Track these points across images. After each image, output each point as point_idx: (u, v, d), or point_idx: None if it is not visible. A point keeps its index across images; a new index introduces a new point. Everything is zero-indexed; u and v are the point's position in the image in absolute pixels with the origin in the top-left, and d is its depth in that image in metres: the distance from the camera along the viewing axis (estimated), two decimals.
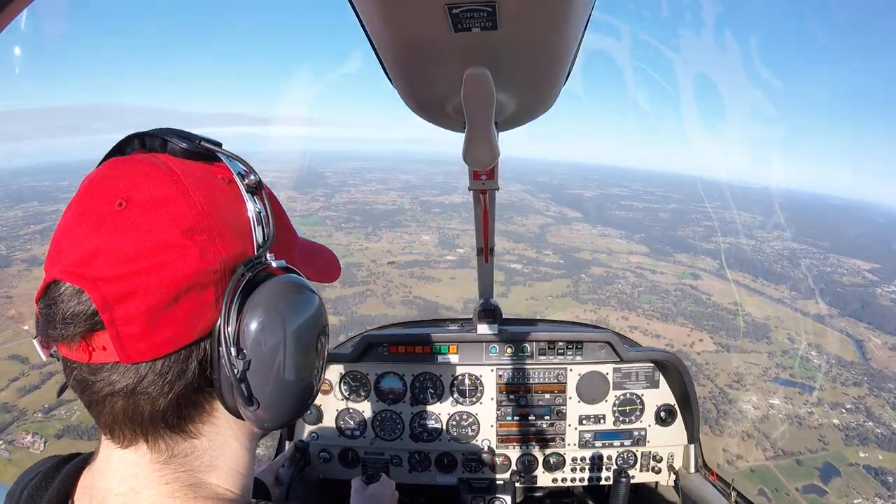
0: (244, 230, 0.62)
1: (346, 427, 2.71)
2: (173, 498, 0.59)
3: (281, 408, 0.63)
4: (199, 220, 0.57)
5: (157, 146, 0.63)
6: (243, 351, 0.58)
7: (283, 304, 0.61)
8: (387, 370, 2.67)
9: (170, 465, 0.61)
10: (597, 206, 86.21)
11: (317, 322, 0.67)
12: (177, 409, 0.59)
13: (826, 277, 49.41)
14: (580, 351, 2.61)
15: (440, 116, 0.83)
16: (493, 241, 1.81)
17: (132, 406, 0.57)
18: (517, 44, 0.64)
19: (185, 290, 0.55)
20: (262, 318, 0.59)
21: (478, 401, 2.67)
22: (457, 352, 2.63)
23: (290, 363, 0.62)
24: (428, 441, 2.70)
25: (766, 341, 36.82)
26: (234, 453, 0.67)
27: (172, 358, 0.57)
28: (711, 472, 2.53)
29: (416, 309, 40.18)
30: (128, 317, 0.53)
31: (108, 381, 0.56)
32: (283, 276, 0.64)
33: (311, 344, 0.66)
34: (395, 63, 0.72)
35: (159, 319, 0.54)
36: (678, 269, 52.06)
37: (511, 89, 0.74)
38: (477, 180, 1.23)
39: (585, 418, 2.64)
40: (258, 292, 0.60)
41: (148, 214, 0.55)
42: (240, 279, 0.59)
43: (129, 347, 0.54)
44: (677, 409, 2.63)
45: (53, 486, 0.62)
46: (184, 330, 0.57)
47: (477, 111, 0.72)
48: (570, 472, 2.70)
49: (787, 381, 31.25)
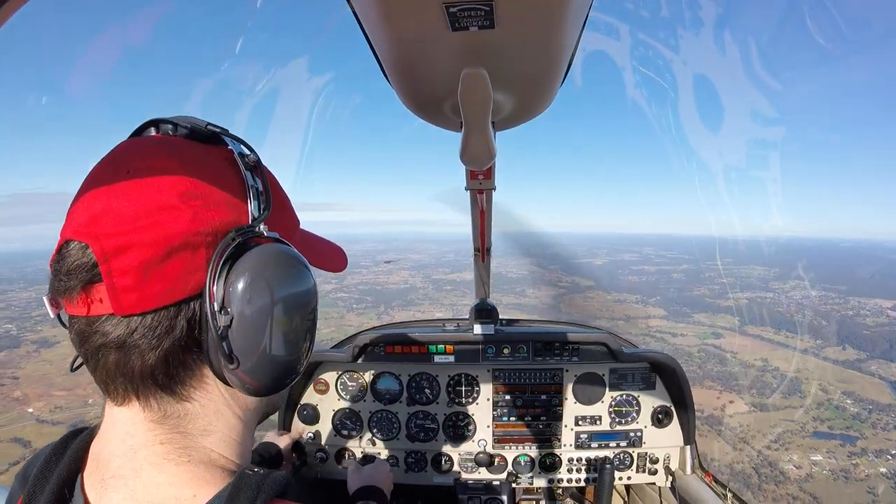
0: (239, 202, 0.67)
1: (342, 427, 2.73)
2: (167, 459, 0.62)
3: (262, 372, 0.64)
4: (195, 187, 0.63)
5: (168, 130, 0.70)
6: (227, 308, 0.61)
7: (271, 270, 0.64)
8: (383, 370, 2.71)
9: (163, 424, 0.64)
10: (609, 274, 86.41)
11: (304, 294, 0.69)
12: (165, 366, 0.62)
13: (850, 321, 48.85)
14: (576, 352, 2.60)
15: (437, 116, 0.84)
16: (489, 241, 1.82)
17: (123, 359, 0.61)
18: (514, 43, 0.64)
19: (178, 247, 0.60)
20: (248, 280, 0.61)
21: (474, 401, 2.69)
22: (453, 352, 2.62)
23: (274, 328, 0.64)
24: (424, 441, 2.72)
25: (798, 395, 35.97)
26: (228, 422, 0.69)
27: (162, 313, 0.60)
28: (707, 474, 2.52)
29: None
30: (123, 269, 0.58)
31: (102, 333, 0.60)
32: (274, 245, 0.67)
33: (297, 314, 0.68)
34: (393, 62, 0.73)
35: (152, 274, 0.58)
36: (699, 330, 51.99)
37: (508, 89, 0.74)
38: (474, 180, 1.22)
39: (582, 419, 2.65)
40: (247, 255, 0.63)
41: (149, 181, 0.61)
42: (230, 242, 0.62)
43: (122, 299, 0.58)
44: (673, 410, 2.63)
45: (64, 460, 0.66)
46: (174, 286, 0.60)
47: (474, 110, 0.72)
48: (567, 472, 2.70)
49: (826, 435, 30.24)
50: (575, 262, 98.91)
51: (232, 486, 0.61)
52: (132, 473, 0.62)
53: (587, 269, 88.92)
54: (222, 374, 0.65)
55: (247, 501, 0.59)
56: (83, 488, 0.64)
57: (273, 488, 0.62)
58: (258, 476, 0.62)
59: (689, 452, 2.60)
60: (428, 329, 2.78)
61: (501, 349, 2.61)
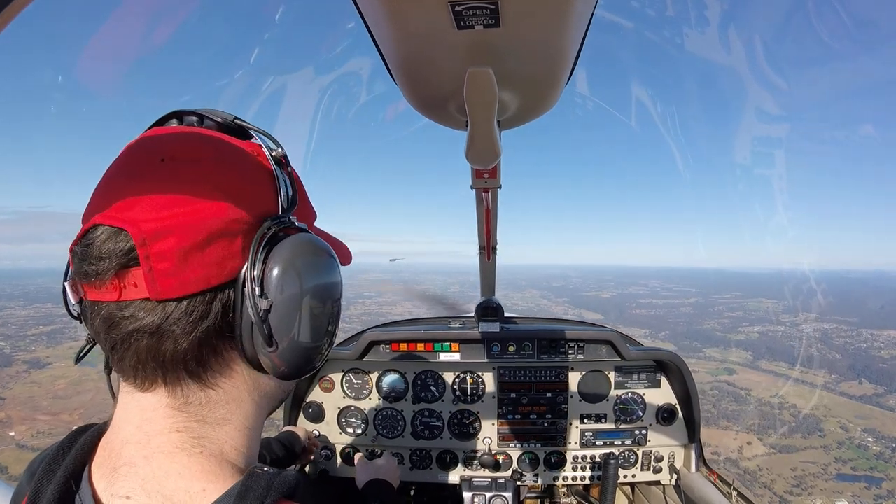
0: (270, 193, 0.69)
1: (347, 425, 2.73)
2: (180, 449, 0.62)
3: (294, 356, 0.67)
4: (231, 176, 0.64)
5: (194, 122, 0.71)
6: (266, 293, 0.63)
7: (305, 258, 0.67)
8: (388, 368, 2.70)
9: (183, 412, 0.64)
10: (616, 307, 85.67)
11: (334, 283, 0.72)
12: (198, 352, 0.63)
13: (864, 354, 48.04)
14: (582, 350, 2.59)
15: (442, 115, 0.84)
16: (495, 239, 1.80)
17: (155, 345, 0.60)
18: (520, 42, 0.64)
19: (217, 234, 0.61)
20: (285, 266, 0.64)
21: (479, 399, 2.68)
22: (458, 350, 2.62)
23: (308, 315, 0.67)
24: (429, 439, 2.70)
25: (818, 434, 34.97)
26: (246, 410, 0.70)
27: (198, 299, 0.61)
28: (712, 472, 2.51)
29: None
30: (162, 253, 0.57)
31: (135, 318, 0.59)
32: (306, 234, 0.70)
33: (328, 300, 0.70)
34: (399, 61, 0.73)
35: (191, 259, 0.59)
36: (711, 366, 51.13)
37: (514, 88, 0.75)
38: (479, 178, 1.22)
39: (587, 417, 2.65)
40: (284, 243, 0.65)
41: (186, 169, 0.62)
42: (266, 230, 0.65)
43: (159, 284, 0.58)
44: (678, 408, 2.62)
45: (71, 454, 0.66)
46: (212, 272, 0.61)
47: (479, 110, 0.73)
48: (571, 470, 2.70)
49: (850, 477, 29.27)
50: (582, 294, 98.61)
51: (242, 484, 0.60)
52: (143, 461, 0.62)
53: (595, 302, 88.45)
54: (256, 358, 0.66)
55: (256, 501, 0.58)
56: (90, 479, 0.64)
57: (282, 488, 0.62)
58: (268, 475, 0.62)
59: (694, 451, 2.59)
60: (433, 327, 2.79)
61: (507, 347, 2.61)
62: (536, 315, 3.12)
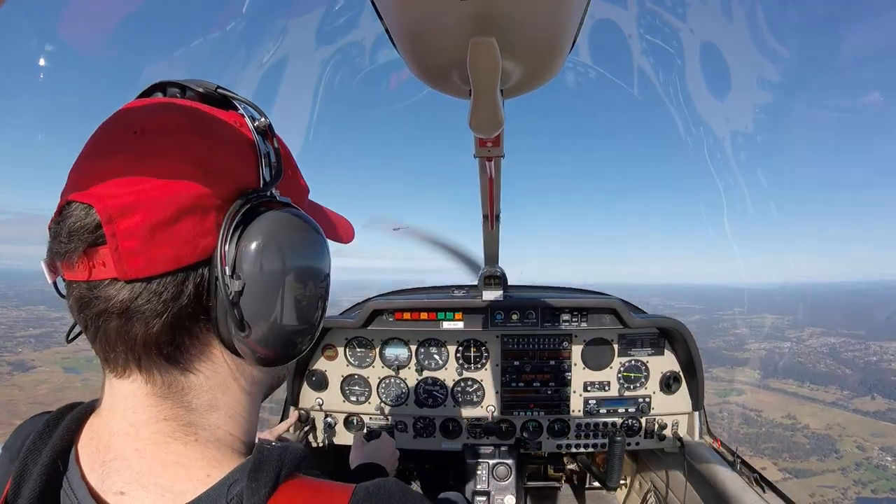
0: (251, 167, 0.65)
1: (351, 393, 2.74)
2: (173, 438, 0.60)
3: (272, 340, 0.63)
4: (206, 149, 0.61)
5: (176, 93, 0.68)
6: (238, 273, 0.59)
7: (283, 235, 0.63)
8: (392, 336, 2.71)
9: (167, 399, 0.61)
10: None
11: (316, 261, 0.68)
12: (170, 334, 0.59)
13: (874, 368, 47.02)
14: (585, 318, 2.59)
15: (446, 84, 0.84)
16: (498, 208, 1.84)
17: (125, 327, 0.58)
18: (523, 11, 0.64)
19: (188, 210, 0.57)
20: (261, 244, 0.60)
21: (483, 367, 2.69)
22: (462, 318, 2.62)
23: (286, 295, 0.63)
24: (433, 407, 2.72)
25: (834, 455, 33.72)
26: (234, 395, 0.67)
27: (168, 278, 0.57)
28: (716, 440, 2.53)
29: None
30: (128, 230, 0.55)
31: (104, 297, 0.57)
32: (286, 209, 0.65)
33: (310, 281, 0.66)
34: (401, 31, 0.73)
35: (158, 236, 0.56)
36: (718, 387, 49.81)
37: (517, 57, 0.75)
38: (483, 147, 1.23)
39: (590, 385, 2.65)
40: (259, 219, 0.61)
41: (159, 141, 0.59)
42: (242, 205, 0.61)
43: (126, 263, 0.55)
44: (682, 376, 2.63)
45: (56, 433, 0.63)
46: (183, 251, 0.57)
47: (482, 79, 0.73)
48: (575, 438, 2.71)
49: (871, 500, 28.08)
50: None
51: (254, 459, 0.58)
52: (135, 454, 0.59)
53: None
54: (232, 344, 0.63)
55: (272, 473, 0.57)
56: (78, 461, 0.61)
57: (293, 461, 0.60)
58: (278, 449, 0.60)
59: (698, 418, 2.61)
60: (437, 295, 2.81)
61: (510, 315, 2.61)
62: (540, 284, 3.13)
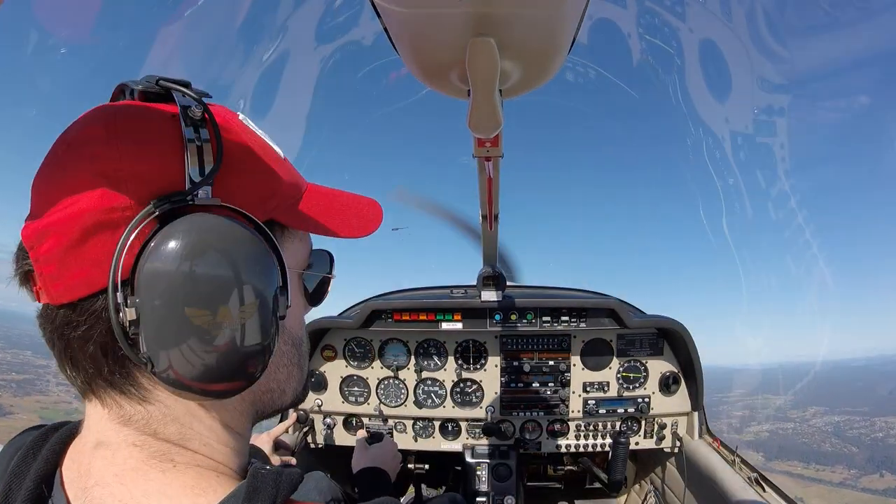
0: (175, 166, 0.56)
1: (350, 394, 2.74)
2: (149, 465, 0.56)
3: (183, 375, 0.54)
4: (116, 156, 0.54)
5: (131, 94, 0.62)
6: (133, 299, 0.51)
7: (189, 246, 0.52)
8: (391, 337, 2.71)
9: (130, 426, 0.57)
10: None
11: (238, 278, 0.55)
12: (107, 361, 0.55)
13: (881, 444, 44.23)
14: (584, 318, 2.59)
15: (444, 84, 0.83)
16: (497, 208, 1.81)
17: (65, 351, 0.56)
18: (522, 11, 0.64)
19: (92, 228, 0.53)
20: (161, 261, 0.51)
21: (482, 367, 2.69)
22: (461, 319, 2.60)
23: (190, 321, 0.52)
24: (432, 408, 2.72)
25: None
26: (208, 425, 0.61)
27: (87, 303, 0.54)
28: (715, 439, 2.52)
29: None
30: (47, 256, 0.53)
31: (48, 321, 0.56)
32: (202, 215, 0.55)
33: (228, 303, 0.54)
34: (400, 30, 0.72)
35: (69, 260, 0.53)
36: None
37: (516, 57, 0.74)
38: (481, 147, 1.21)
39: (589, 385, 2.66)
40: (166, 229, 0.52)
41: (73, 155, 0.56)
42: (146, 215, 0.53)
43: (50, 288, 0.54)
44: (681, 376, 2.63)
45: (41, 456, 0.60)
46: (94, 273, 0.53)
47: (481, 79, 0.72)
48: (574, 438, 2.71)
49: None
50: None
51: (248, 487, 0.53)
52: (115, 480, 0.55)
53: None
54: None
55: (268, 500, 0.52)
56: (63, 485, 0.58)
57: (290, 487, 0.56)
58: (273, 474, 0.56)
59: (697, 418, 2.59)
60: (436, 296, 2.81)
61: (509, 315, 2.60)
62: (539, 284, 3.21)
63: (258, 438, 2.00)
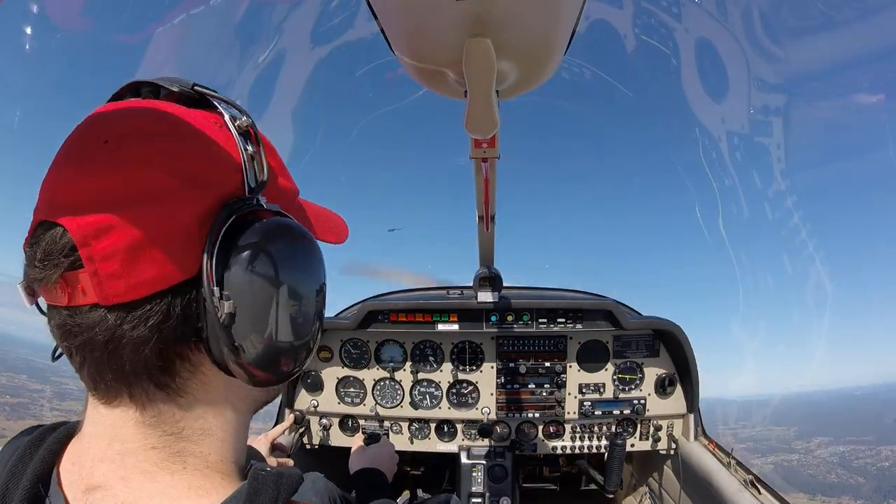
0: (234, 172, 0.60)
1: (346, 395, 2.75)
2: (160, 468, 0.56)
3: (268, 361, 0.59)
4: (185, 157, 0.56)
5: (150, 94, 0.62)
6: (227, 294, 0.54)
7: (275, 249, 0.57)
8: (387, 338, 2.71)
9: (157, 427, 0.57)
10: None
11: (312, 273, 0.63)
12: (159, 359, 0.55)
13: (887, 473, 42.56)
14: (580, 319, 2.58)
15: (441, 85, 0.83)
16: (493, 209, 1.81)
17: (112, 355, 0.54)
18: (518, 12, 0.64)
19: (168, 227, 0.53)
20: (251, 260, 0.55)
21: (478, 369, 2.70)
22: (457, 320, 2.59)
23: (281, 314, 0.58)
24: (428, 409, 2.73)
25: None
26: (226, 417, 0.63)
27: (155, 301, 0.53)
28: (711, 441, 2.52)
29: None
30: (106, 253, 0.51)
31: (86, 325, 0.53)
32: (276, 219, 0.60)
33: (305, 295, 0.62)
34: (397, 31, 0.72)
35: (139, 257, 0.52)
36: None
37: (512, 58, 0.74)
38: (478, 148, 1.21)
39: (585, 387, 2.66)
40: (248, 232, 0.56)
41: (132, 150, 0.54)
42: (226, 218, 0.56)
43: (106, 287, 0.51)
44: (677, 378, 2.63)
45: (38, 457, 0.59)
46: (165, 270, 0.53)
47: (478, 80, 0.72)
48: (570, 440, 2.72)
49: None
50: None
51: (248, 488, 0.54)
52: (120, 482, 0.55)
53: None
54: (225, 366, 0.58)
55: (269, 501, 0.53)
56: (61, 487, 0.57)
57: (290, 488, 0.56)
58: (273, 475, 0.57)
59: (693, 420, 2.59)
60: (432, 297, 2.84)
61: (505, 316, 2.60)
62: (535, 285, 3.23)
63: (255, 440, 2.01)
